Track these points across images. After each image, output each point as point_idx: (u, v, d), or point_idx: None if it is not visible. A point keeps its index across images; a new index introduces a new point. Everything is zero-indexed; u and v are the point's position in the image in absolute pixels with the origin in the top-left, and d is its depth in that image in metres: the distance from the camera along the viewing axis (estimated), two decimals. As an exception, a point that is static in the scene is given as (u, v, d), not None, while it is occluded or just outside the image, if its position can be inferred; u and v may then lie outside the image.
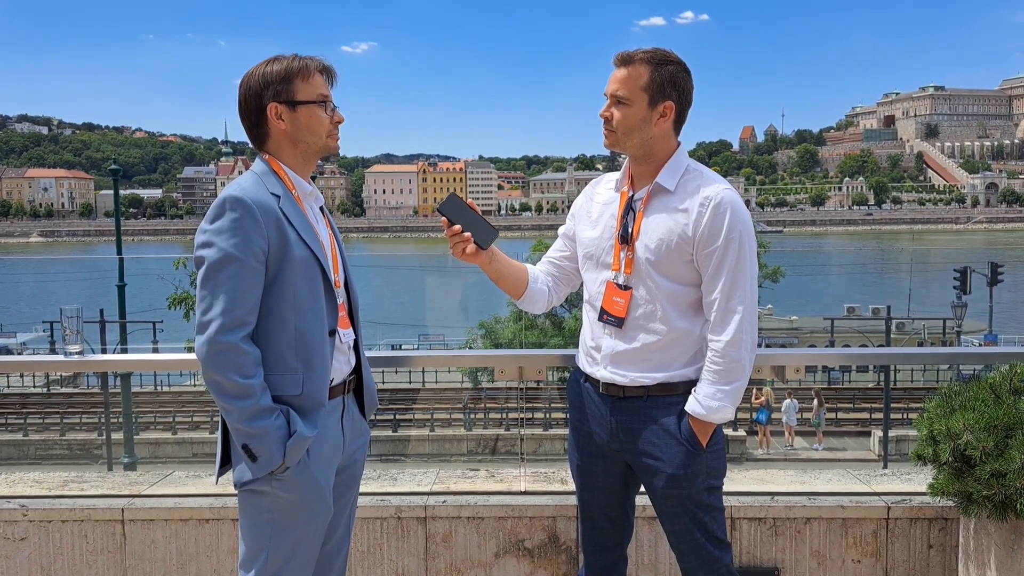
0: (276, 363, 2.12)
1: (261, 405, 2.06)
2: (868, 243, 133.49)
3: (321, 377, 2.16)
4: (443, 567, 3.17)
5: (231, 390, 2.05)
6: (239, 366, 2.04)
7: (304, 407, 2.14)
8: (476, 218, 2.35)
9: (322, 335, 2.17)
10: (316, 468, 2.17)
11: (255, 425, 2.05)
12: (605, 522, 2.56)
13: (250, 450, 2.08)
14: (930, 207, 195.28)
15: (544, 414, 22.04)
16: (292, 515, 2.16)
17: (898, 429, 20.76)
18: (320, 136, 2.23)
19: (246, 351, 2.06)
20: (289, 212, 2.15)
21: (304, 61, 2.21)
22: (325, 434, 2.20)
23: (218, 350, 2.04)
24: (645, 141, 2.34)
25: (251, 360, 2.06)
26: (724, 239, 2.26)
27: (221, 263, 2.05)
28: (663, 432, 2.34)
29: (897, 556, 3.12)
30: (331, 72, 2.27)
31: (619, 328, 2.36)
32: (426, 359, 6.84)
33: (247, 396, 2.04)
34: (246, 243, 2.06)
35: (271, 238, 2.09)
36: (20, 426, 23.13)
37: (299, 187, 2.23)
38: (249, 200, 2.08)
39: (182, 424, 23.29)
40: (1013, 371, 2.84)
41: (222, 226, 2.07)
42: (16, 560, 3.16)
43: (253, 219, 2.07)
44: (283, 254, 2.11)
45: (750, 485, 3.33)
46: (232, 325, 2.04)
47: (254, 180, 2.17)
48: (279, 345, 2.13)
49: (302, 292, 2.14)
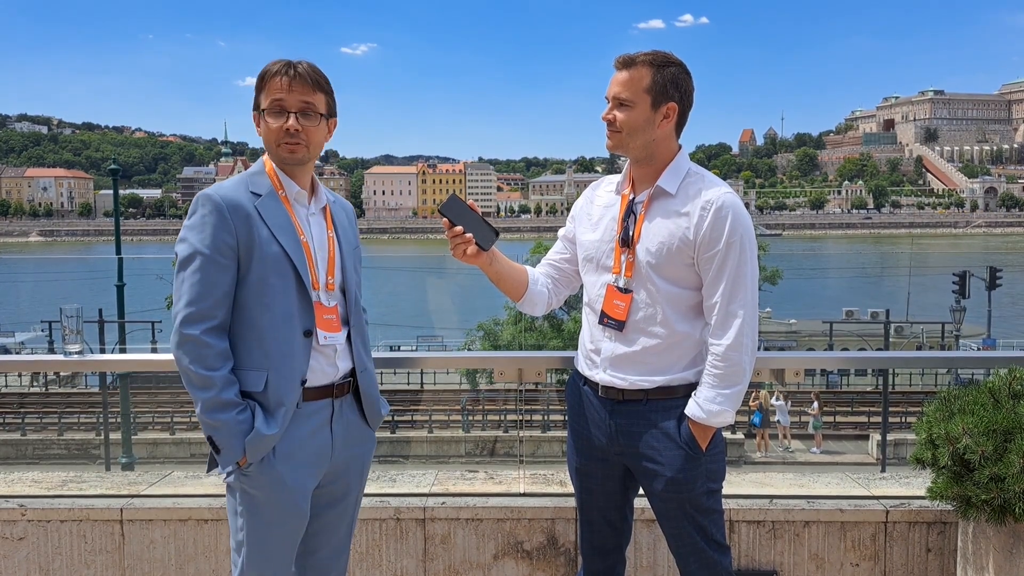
0: (243, 358, 2.15)
1: (222, 398, 2.08)
2: (867, 247, 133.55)
3: (286, 377, 2.15)
4: (442, 569, 3.16)
5: (194, 381, 2.10)
6: (201, 358, 2.08)
7: (268, 405, 2.14)
8: (477, 219, 2.35)
9: (290, 334, 2.16)
10: (284, 468, 2.16)
11: (216, 417, 2.09)
12: (604, 525, 2.55)
13: (213, 442, 2.12)
14: (929, 211, 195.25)
15: (543, 416, 22.01)
16: (259, 512, 2.18)
17: (896, 433, 20.76)
18: (271, 145, 2.22)
19: (208, 343, 2.09)
20: (266, 211, 2.16)
21: (267, 67, 2.21)
22: (302, 436, 2.18)
23: (181, 341, 2.09)
24: (648, 143, 2.34)
25: (214, 352, 2.09)
26: (725, 243, 2.26)
27: (189, 258, 2.11)
28: (663, 436, 2.34)
29: (896, 560, 3.12)
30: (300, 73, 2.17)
31: (619, 331, 2.36)
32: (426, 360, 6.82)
33: (208, 387, 2.08)
34: (212, 239, 2.10)
35: (239, 235, 2.12)
36: (18, 425, 23.10)
37: (287, 187, 2.23)
38: (218, 198, 2.12)
39: (180, 424, 23.24)
40: (1012, 375, 2.85)
41: (193, 222, 2.13)
42: (15, 559, 3.16)
43: (220, 216, 2.11)
44: (251, 251, 2.13)
45: (749, 488, 3.33)
46: (195, 318, 2.08)
47: (239, 179, 2.21)
48: (247, 341, 2.15)
49: (270, 290, 2.14)
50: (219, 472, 2.17)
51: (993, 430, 2.66)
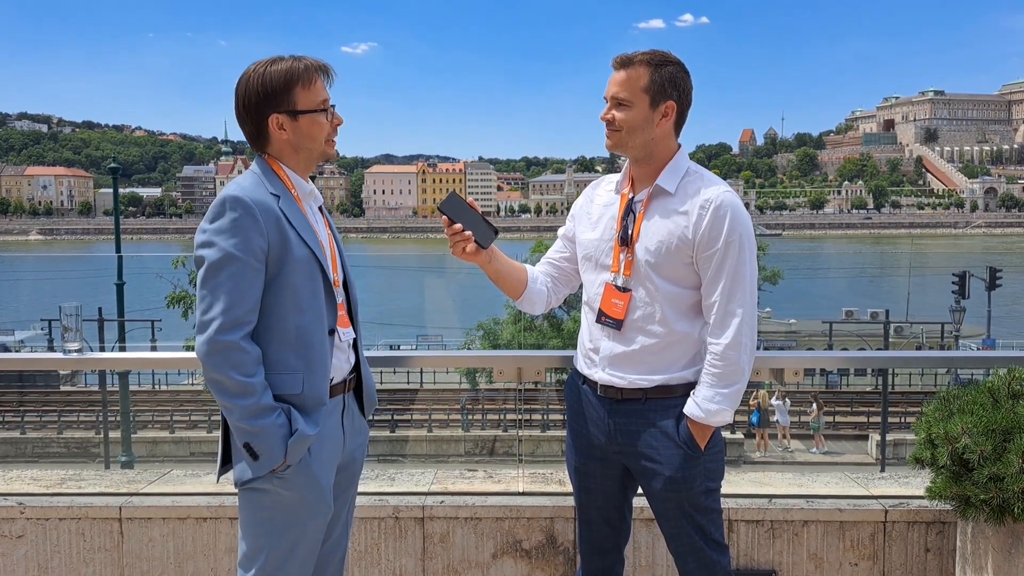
0: (277, 362, 2.13)
1: (262, 404, 2.06)
2: (867, 247, 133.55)
3: (321, 376, 2.16)
4: (440, 567, 3.16)
5: (232, 389, 2.05)
6: (239, 364, 2.05)
7: (305, 406, 2.14)
8: (476, 217, 2.35)
9: (322, 334, 2.17)
10: (317, 467, 2.18)
11: (256, 423, 2.06)
12: (602, 524, 2.55)
13: (252, 448, 2.09)
14: (929, 211, 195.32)
15: (542, 415, 22.03)
16: (293, 514, 2.17)
17: (895, 433, 20.77)
18: (320, 142, 2.23)
19: (246, 350, 2.06)
20: (289, 212, 2.15)
21: (304, 64, 2.18)
22: (326, 433, 2.20)
23: (218, 349, 2.05)
24: (647, 142, 2.34)
25: (251, 359, 2.07)
26: (724, 241, 2.26)
27: (221, 263, 2.06)
28: (661, 435, 2.34)
29: (894, 559, 3.12)
30: (330, 73, 2.25)
31: (617, 330, 2.36)
32: (425, 359, 6.82)
33: (248, 395, 2.05)
34: (246, 243, 2.06)
35: (271, 238, 2.09)
36: (17, 424, 23.10)
37: (299, 187, 2.23)
38: (249, 200, 2.08)
39: (180, 423, 23.26)
40: (1012, 375, 2.85)
41: (222, 226, 2.07)
42: (13, 558, 3.16)
43: (253, 219, 2.07)
44: (283, 254, 2.11)
45: (748, 487, 3.33)
46: (232, 324, 2.05)
47: (254, 180, 2.17)
48: (280, 345, 2.13)
49: (302, 292, 2.14)
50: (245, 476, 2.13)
51: (992, 430, 2.66)
